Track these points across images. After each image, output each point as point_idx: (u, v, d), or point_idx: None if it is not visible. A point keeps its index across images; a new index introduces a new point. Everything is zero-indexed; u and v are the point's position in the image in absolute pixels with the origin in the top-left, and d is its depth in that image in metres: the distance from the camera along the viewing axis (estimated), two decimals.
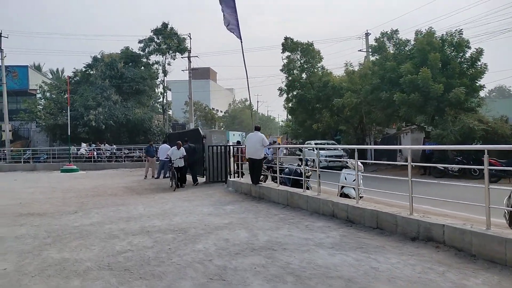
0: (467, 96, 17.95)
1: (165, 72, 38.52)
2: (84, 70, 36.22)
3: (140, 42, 37.44)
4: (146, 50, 37.53)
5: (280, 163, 15.12)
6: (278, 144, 33.65)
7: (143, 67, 37.43)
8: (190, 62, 36.50)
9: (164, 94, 39.89)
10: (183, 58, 37.56)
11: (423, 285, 4.27)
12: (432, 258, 5.16)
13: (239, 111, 79.00)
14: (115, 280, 4.65)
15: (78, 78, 35.94)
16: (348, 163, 9.33)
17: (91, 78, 34.88)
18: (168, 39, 36.73)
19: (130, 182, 17.74)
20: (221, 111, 74.98)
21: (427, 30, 19.85)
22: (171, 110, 53.37)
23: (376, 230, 6.70)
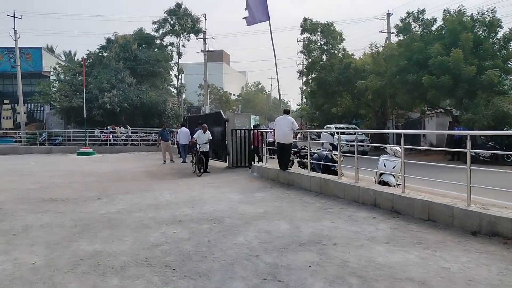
0: (499, 79, 17.07)
1: (179, 54, 37.89)
2: (97, 52, 35.73)
3: (154, 23, 36.88)
4: (160, 32, 36.89)
5: (303, 147, 14.59)
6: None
7: (157, 49, 36.82)
8: (205, 43, 35.77)
9: (179, 77, 39.27)
10: (198, 39, 36.82)
11: None
12: (504, 256, 4.62)
13: (253, 95, 78.16)
14: (157, 278, 4.19)
15: (92, 60, 35.47)
16: (387, 149, 8.75)
17: (105, 60, 34.38)
18: (182, 20, 35.97)
19: (149, 166, 17.37)
20: (234, 95, 74.22)
21: (457, 9, 18.86)
22: (185, 93, 52.81)
23: (428, 222, 6.15)
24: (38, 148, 28.83)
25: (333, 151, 10.73)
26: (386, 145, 9.18)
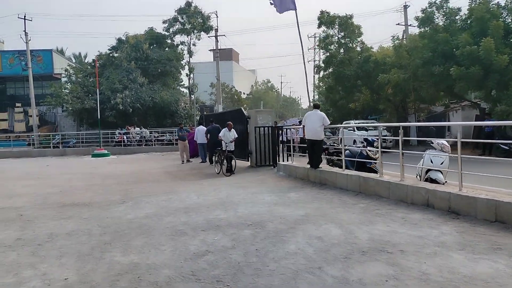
0: None
1: (190, 53, 37.39)
2: (108, 52, 35.37)
3: (164, 23, 36.40)
4: (171, 31, 36.42)
5: (332, 144, 13.90)
6: None
7: (167, 48, 36.35)
8: (217, 41, 35.21)
9: (190, 76, 38.76)
10: (210, 37, 36.25)
11: None
12: None
13: (263, 93, 77.48)
14: None
15: (103, 61, 35.10)
16: (433, 143, 8.07)
17: (116, 60, 33.97)
18: (192, 18, 35.45)
19: (167, 166, 16.84)
20: (244, 93, 73.59)
21: None
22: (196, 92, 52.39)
23: (496, 224, 5.48)
24: (51, 151, 28.54)
25: (367, 147, 10.06)
26: (432, 139, 8.47)
